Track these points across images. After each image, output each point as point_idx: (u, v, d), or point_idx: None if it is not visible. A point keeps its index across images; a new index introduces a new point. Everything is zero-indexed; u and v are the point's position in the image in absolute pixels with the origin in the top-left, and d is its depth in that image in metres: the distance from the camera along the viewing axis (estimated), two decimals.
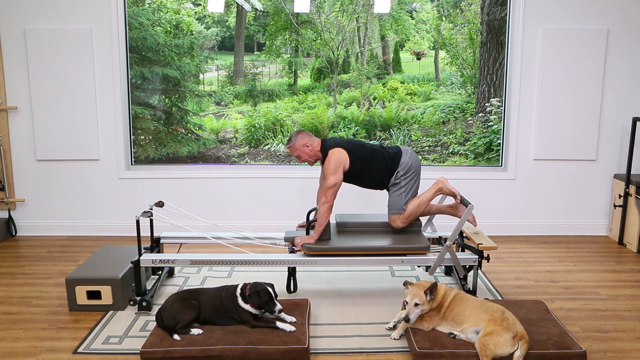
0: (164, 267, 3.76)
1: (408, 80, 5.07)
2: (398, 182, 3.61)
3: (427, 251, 3.49)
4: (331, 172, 3.44)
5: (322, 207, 3.45)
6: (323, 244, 3.47)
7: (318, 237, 3.47)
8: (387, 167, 3.60)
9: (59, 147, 4.93)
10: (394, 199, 3.64)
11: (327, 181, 3.44)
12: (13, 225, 5.06)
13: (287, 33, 4.98)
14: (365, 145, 3.63)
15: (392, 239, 3.59)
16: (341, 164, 3.47)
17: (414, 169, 3.61)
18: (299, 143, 3.55)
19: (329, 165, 3.46)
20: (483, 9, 4.93)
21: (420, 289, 2.96)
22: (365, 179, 3.64)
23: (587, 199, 5.12)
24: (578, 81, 4.89)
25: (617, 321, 3.35)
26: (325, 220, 3.45)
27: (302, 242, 3.47)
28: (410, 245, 3.50)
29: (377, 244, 3.50)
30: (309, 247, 3.45)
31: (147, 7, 4.89)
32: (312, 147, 3.56)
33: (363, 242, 3.52)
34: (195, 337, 2.89)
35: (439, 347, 2.79)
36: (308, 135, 3.58)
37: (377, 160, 3.58)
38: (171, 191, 5.04)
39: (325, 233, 3.51)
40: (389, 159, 3.60)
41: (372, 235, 3.68)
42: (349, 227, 3.76)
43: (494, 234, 5.08)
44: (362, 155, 3.56)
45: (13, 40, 4.79)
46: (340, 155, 3.48)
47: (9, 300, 3.64)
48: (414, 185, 3.64)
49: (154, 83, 4.99)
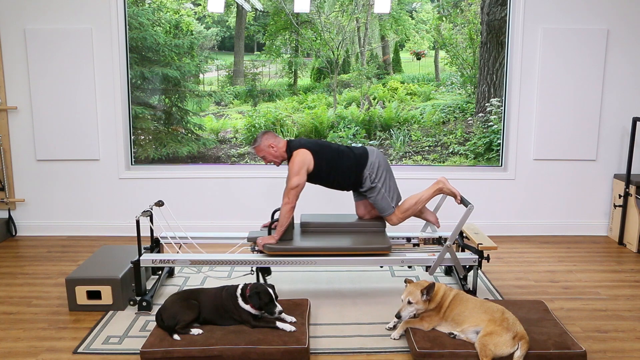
0: (164, 267, 3.76)
1: (408, 80, 5.07)
2: (374, 186, 3.61)
3: (389, 251, 3.48)
4: (294, 173, 3.45)
5: (283, 207, 3.45)
6: (284, 244, 3.47)
7: (279, 237, 3.48)
8: (353, 168, 3.60)
9: (59, 147, 4.93)
10: (380, 202, 3.64)
11: (290, 182, 3.44)
12: (13, 225, 5.07)
13: (287, 33, 4.98)
14: (331, 145, 3.64)
15: (354, 239, 3.58)
16: (305, 165, 3.47)
17: (382, 167, 3.62)
18: (264, 144, 3.56)
19: (293, 166, 3.46)
20: (483, 9, 4.93)
21: (417, 288, 2.97)
22: (330, 180, 3.64)
23: (587, 199, 5.12)
24: (578, 81, 4.89)
25: (617, 321, 3.35)
26: (286, 220, 3.45)
27: (264, 242, 3.47)
28: (372, 245, 3.49)
29: (338, 244, 3.49)
30: (270, 247, 3.44)
31: (147, 7, 4.89)
32: (277, 148, 3.56)
33: (325, 243, 3.51)
34: (195, 337, 2.89)
35: (439, 347, 2.79)
36: (274, 136, 3.60)
37: (343, 161, 3.58)
38: (171, 191, 5.04)
39: (287, 233, 3.51)
40: (354, 160, 3.59)
41: (335, 235, 3.67)
42: (313, 227, 3.75)
43: (494, 234, 5.09)
44: (328, 156, 3.56)
45: (13, 40, 4.79)
46: (305, 157, 3.48)
47: (9, 300, 3.64)
48: (390, 182, 3.65)
49: (154, 83, 4.99)
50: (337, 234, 3.70)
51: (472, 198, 4.98)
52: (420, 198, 3.64)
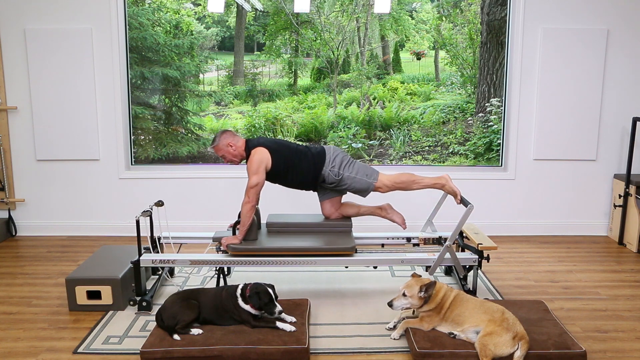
0: (164, 267, 3.76)
1: (408, 80, 5.07)
2: (341, 177, 3.59)
3: (353, 252, 3.46)
4: (253, 171, 3.45)
5: (244, 207, 3.44)
6: (248, 244, 3.46)
7: (243, 237, 3.47)
8: (311, 167, 3.60)
9: (59, 147, 4.93)
10: (357, 185, 3.61)
11: (250, 181, 3.44)
12: (13, 225, 5.07)
13: (287, 33, 4.98)
14: (290, 145, 3.64)
15: (318, 240, 3.57)
16: (262, 164, 3.47)
17: (339, 156, 3.61)
18: (222, 143, 3.57)
19: (251, 165, 3.47)
20: (483, 9, 4.93)
21: (417, 283, 2.98)
22: (289, 179, 3.64)
23: (587, 199, 5.12)
24: (578, 81, 4.89)
25: (617, 321, 3.35)
26: (248, 220, 3.45)
27: (227, 243, 3.47)
28: (335, 245, 3.47)
29: (302, 244, 3.47)
30: (234, 248, 3.44)
31: (147, 7, 4.89)
32: (236, 147, 3.57)
33: (289, 243, 3.50)
34: (195, 337, 2.89)
35: (439, 347, 2.79)
36: (232, 134, 3.60)
37: (300, 161, 3.58)
38: (171, 191, 5.04)
39: (251, 233, 3.50)
40: (312, 159, 3.60)
41: (300, 235, 3.66)
42: (278, 227, 3.74)
43: (494, 234, 5.09)
44: (285, 154, 3.56)
45: (13, 40, 4.79)
46: (262, 155, 3.48)
47: (9, 300, 3.64)
48: (354, 166, 3.63)
49: (154, 83, 4.99)
50: (302, 234, 3.69)
51: (472, 198, 4.98)
52: (417, 180, 3.62)
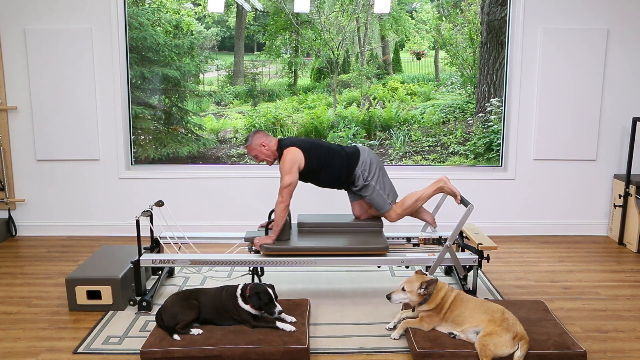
0: (164, 267, 3.76)
1: (408, 80, 5.07)
2: (368, 184, 3.61)
3: (386, 252, 3.47)
4: (286, 171, 3.45)
5: (278, 206, 3.45)
6: (281, 244, 3.47)
7: (276, 237, 3.48)
8: (344, 166, 3.60)
9: (59, 147, 4.93)
10: (376, 200, 3.64)
11: (282, 181, 3.44)
12: (13, 225, 5.07)
13: (287, 33, 4.98)
14: (322, 144, 3.64)
15: (351, 239, 3.58)
16: (296, 163, 3.47)
17: (375, 164, 3.62)
18: (255, 143, 3.57)
19: (284, 165, 3.47)
20: (483, 9, 4.93)
21: (418, 280, 2.99)
22: (322, 178, 3.64)
23: (587, 199, 5.12)
24: (578, 81, 4.89)
25: (617, 321, 3.35)
26: (282, 220, 3.45)
27: (260, 243, 3.47)
28: (369, 245, 3.49)
29: (336, 244, 3.49)
30: (267, 248, 3.44)
31: (147, 7, 4.89)
32: (268, 147, 3.57)
33: (322, 242, 3.51)
34: (195, 337, 2.89)
35: (439, 347, 2.79)
36: (265, 135, 3.60)
37: (334, 159, 3.58)
38: (171, 191, 5.04)
39: (284, 233, 3.51)
40: (345, 158, 3.60)
41: (332, 235, 3.67)
42: (309, 227, 3.75)
43: (494, 234, 5.09)
44: (318, 154, 3.56)
45: (13, 40, 4.79)
46: (295, 155, 3.49)
47: (9, 300, 3.64)
48: (384, 180, 3.65)
49: (154, 83, 4.99)
50: (334, 233, 3.70)
51: (472, 198, 4.98)
52: (420, 196, 3.64)
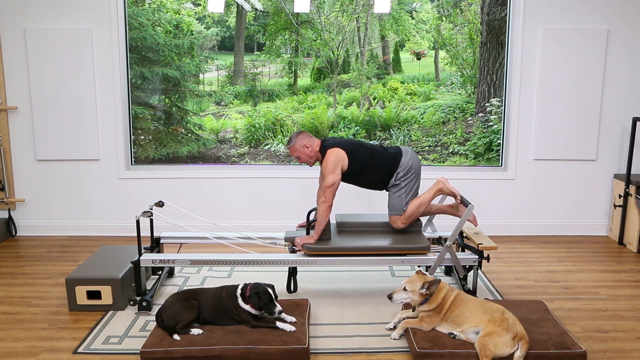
0: (164, 267, 3.76)
1: (408, 80, 5.07)
2: (398, 184, 3.60)
3: (428, 251, 3.49)
4: (329, 171, 3.45)
5: (321, 206, 3.45)
6: (323, 244, 3.47)
7: (318, 237, 3.48)
8: (387, 168, 3.60)
9: (59, 147, 4.93)
10: (394, 200, 3.63)
11: (326, 180, 3.44)
12: (13, 225, 5.06)
13: (287, 33, 4.98)
14: (365, 145, 3.64)
15: (392, 239, 3.59)
16: (339, 164, 3.47)
17: (414, 169, 3.61)
18: (299, 144, 3.56)
19: (327, 165, 3.46)
20: (483, 9, 4.93)
21: (419, 280, 2.99)
22: (364, 179, 3.64)
23: (587, 199, 5.12)
24: (578, 81, 4.88)
25: (617, 321, 3.35)
26: (324, 219, 3.45)
27: (302, 242, 3.47)
28: (410, 245, 3.50)
29: (377, 244, 3.50)
30: (309, 247, 3.45)
31: (147, 7, 4.89)
32: (311, 148, 3.56)
33: (363, 242, 3.52)
34: (195, 337, 2.89)
35: (439, 347, 2.79)
36: (308, 136, 3.59)
37: (377, 160, 3.58)
38: (171, 191, 5.04)
39: (325, 233, 3.51)
40: (389, 159, 3.59)
41: (372, 235, 3.68)
42: (349, 227, 3.76)
43: (494, 234, 5.08)
44: (362, 155, 3.56)
45: (13, 40, 4.79)
46: (338, 155, 3.49)
47: (9, 300, 3.64)
48: (414, 186, 3.64)
49: (154, 83, 4.99)
50: (373, 233, 3.71)
51: (472, 198, 4.98)
52: (422, 201, 3.63)
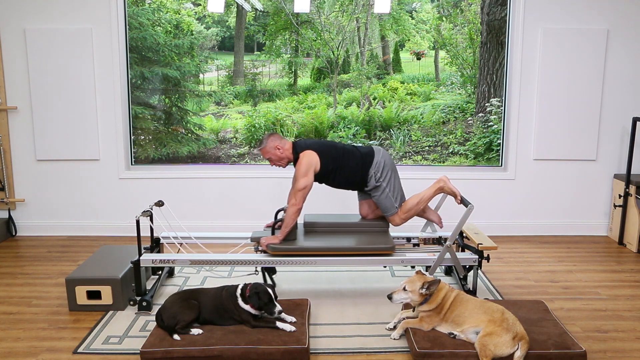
0: (164, 267, 3.76)
1: (408, 80, 5.07)
2: (379, 185, 3.61)
3: (393, 251, 3.48)
4: (302, 174, 3.46)
5: (290, 209, 3.46)
6: (288, 244, 3.48)
7: (283, 238, 3.48)
8: (359, 167, 3.61)
9: (59, 147, 4.93)
10: (383, 201, 3.65)
11: (298, 184, 3.45)
12: (13, 225, 5.06)
13: (287, 33, 4.98)
14: (337, 145, 3.65)
15: (358, 239, 3.59)
16: (312, 167, 3.49)
17: (388, 166, 3.63)
18: (270, 145, 3.58)
19: (300, 168, 3.48)
20: (483, 9, 4.93)
21: (419, 280, 2.99)
22: (337, 179, 3.65)
23: (587, 199, 5.12)
24: (578, 81, 4.89)
25: (617, 321, 3.35)
26: (292, 222, 3.46)
27: (267, 242, 3.48)
28: (375, 245, 3.49)
29: (342, 245, 3.49)
30: (274, 247, 3.45)
31: (147, 7, 4.89)
32: (283, 150, 3.58)
33: (328, 243, 3.52)
34: (195, 337, 2.89)
35: (439, 347, 2.79)
36: (279, 137, 3.61)
37: (348, 160, 3.59)
38: (171, 191, 5.04)
39: (291, 233, 3.52)
40: (360, 159, 3.61)
41: (338, 235, 3.67)
42: (316, 227, 3.76)
43: (494, 234, 5.08)
44: (333, 155, 3.57)
45: (13, 40, 4.79)
46: (311, 158, 3.50)
47: (9, 300, 3.64)
48: (395, 182, 3.66)
49: (154, 83, 4.99)
50: (340, 234, 3.70)
51: (472, 198, 4.98)
52: (422, 198, 3.64)
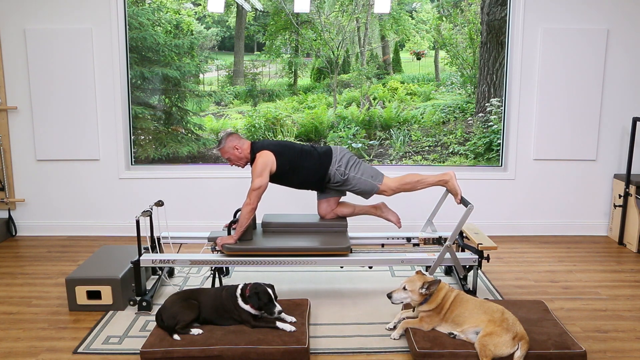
0: (164, 267, 3.76)
1: (408, 80, 5.07)
2: (347, 177, 3.62)
3: (348, 252, 3.47)
4: (257, 174, 3.47)
5: (244, 208, 3.46)
6: (243, 245, 3.48)
7: (238, 238, 3.48)
8: (316, 167, 3.62)
9: (59, 147, 4.93)
10: (362, 186, 3.64)
11: (253, 183, 3.46)
12: (13, 225, 5.07)
13: (287, 33, 4.98)
14: (295, 146, 3.67)
15: (314, 239, 3.58)
16: (267, 167, 3.49)
17: (346, 157, 3.64)
18: (228, 145, 3.59)
19: (256, 168, 3.49)
20: (483, 9, 4.93)
21: (419, 280, 2.99)
22: (293, 180, 3.66)
23: (587, 199, 5.12)
24: (578, 81, 4.89)
25: (617, 321, 3.35)
26: (246, 221, 3.46)
27: (222, 243, 3.48)
28: (330, 245, 3.49)
29: (297, 244, 3.49)
30: (229, 248, 3.45)
31: (147, 7, 4.89)
32: (241, 150, 3.59)
33: (284, 243, 3.51)
34: (195, 337, 2.89)
35: (439, 347, 2.79)
36: (238, 137, 3.62)
37: (306, 160, 3.60)
38: (171, 191, 5.04)
39: (247, 233, 3.52)
40: (318, 159, 3.62)
41: (296, 235, 3.67)
42: (274, 227, 3.76)
43: (494, 234, 5.08)
44: (290, 156, 3.58)
45: (13, 40, 4.79)
46: (267, 158, 3.51)
47: (9, 300, 3.64)
48: (361, 166, 3.66)
49: (154, 83, 4.99)
50: (298, 234, 3.70)
51: (472, 198, 4.98)
52: (422, 179, 3.64)
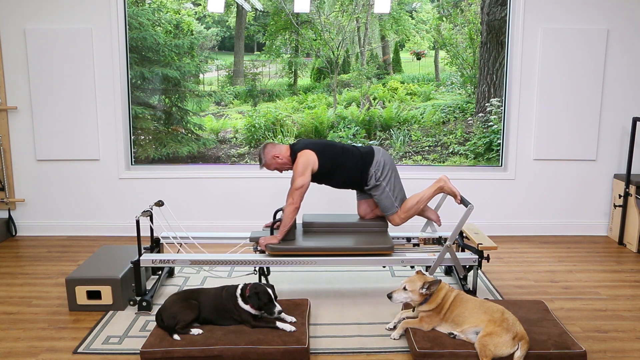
0: (164, 267, 3.76)
1: (408, 80, 5.07)
2: (379, 184, 3.61)
3: (392, 251, 3.48)
4: (299, 173, 3.46)
5: (288, 207, 3.46)
6: (286, 244, 3.48)
7: (282, 237, 3.48)
8: (358, 166, 3.61)
9: (59, 147, 4.93)
10: (384, 201, 3.65)
11: (295, 183, 3.45)
12: (13, 225, 5.07)
13: (287, 33, 4.98)
14: (335, 144, 3.65)
15: (357, 239, 3.59)
16: (309, 166, 3.48)
17: (388, 165, 3.63)
18: (268, 158, 3.59)
19: (297, 167, 3.48)
20: (483, 9, 4.93)
21: (419, 280, 2.99)
22: (336, 179, 3.65)
23: (587, 199, 5.12)
24: (578, 81, 4.89)
25: (617, 321, 3.35)
26: (290, 221, 3.46)
27: (266, 242, 3.48)
28: (374, 245, 3.50)
29: (341, 244, 3.49)
30: (272, 247, 3.45)
31: (147, 7, 4.89)
32: (282, 156, 3.58)
33: (327, 243, 3.52)
34: (195, 337, 2.89)
35: (439, 347, 2.79)
36: (272, 145, 3.62)
37: (348, 159, 3.59)
38: (171, 191, 5.04)
39: (290, 233, 3.52)
40: (359, 158, 3.61)
41: (337, 235, 3.67)
42: (315, 227, 3.76)
43: (494, 234, 5.09)
44: (332, 155, 3.57)
45: (13, 40, 4.79)
46: (309, 157, 3.50)
47: (9, 300, 3.64)
48: (395, 181, 3.66)
49: (154, 83, 4.99)
50: (339, 234, 3.70)
51: (472, 198, 4.98)
52: (421, 197, 3.65)
